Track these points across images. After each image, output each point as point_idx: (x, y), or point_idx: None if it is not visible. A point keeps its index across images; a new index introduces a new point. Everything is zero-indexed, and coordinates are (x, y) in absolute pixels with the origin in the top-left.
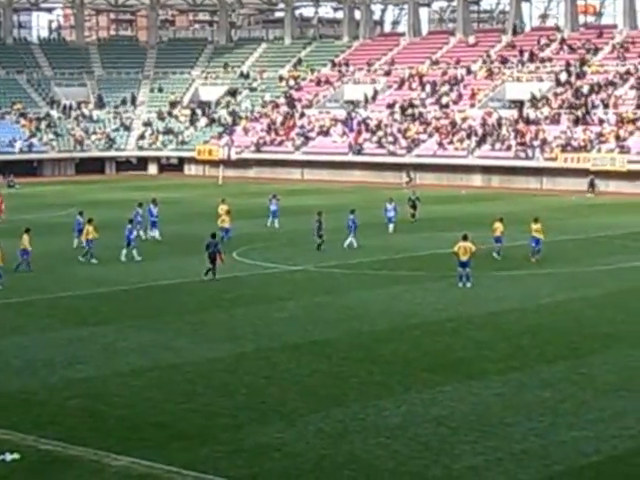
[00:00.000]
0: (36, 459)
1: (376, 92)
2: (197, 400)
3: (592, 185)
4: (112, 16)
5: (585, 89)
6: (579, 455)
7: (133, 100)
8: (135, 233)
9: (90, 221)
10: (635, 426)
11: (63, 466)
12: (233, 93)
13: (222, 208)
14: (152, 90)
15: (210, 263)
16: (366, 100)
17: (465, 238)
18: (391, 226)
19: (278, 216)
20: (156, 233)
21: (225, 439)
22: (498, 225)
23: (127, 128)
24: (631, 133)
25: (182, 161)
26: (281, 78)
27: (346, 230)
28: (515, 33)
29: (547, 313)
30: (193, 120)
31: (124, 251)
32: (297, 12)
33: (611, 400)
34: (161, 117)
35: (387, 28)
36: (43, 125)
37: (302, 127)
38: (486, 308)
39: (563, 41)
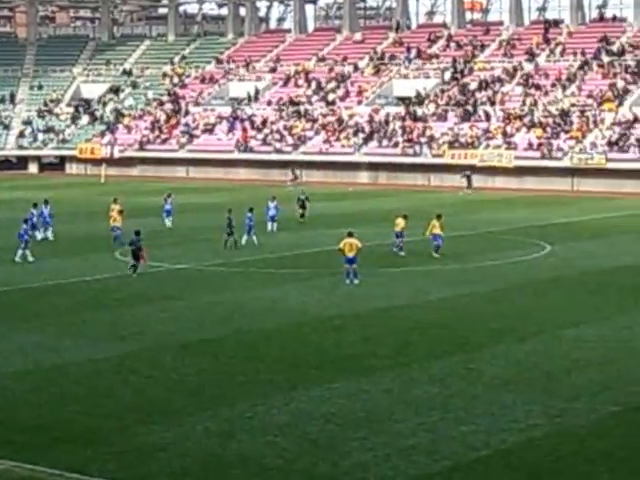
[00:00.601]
0: None
1: (261, 89)
2: (82, 401)
3: (469, 181)
4: None
5: (472, 86)
6: (468, 449)
7: (12, 98)
8: (30, 234)
9: None
10: (524, 420)
11: None
12: (116, 91)
13: (114, 208)
14: (32, 88)
15: (133, 259)
16: (249, 98)
17: (350, 235)
18: (273, 225)
19: (171, 215)
20: (39, 234)
21: (111, 440)
22: (400, 221)
23: (6, 127)
24: (518, 129)
25: (63, 160)
26: (165, 75)
27: (244, 228)
28: (398, 30)
29: (436, 309)
30: (75, 118)
31: (19, 252)
32: (181, 9)
33: (500, 394)
34: (41, 115)
35: (273, 25)
36: None
37: (186, 125)
38: (374, 304)
39: (450, 38)
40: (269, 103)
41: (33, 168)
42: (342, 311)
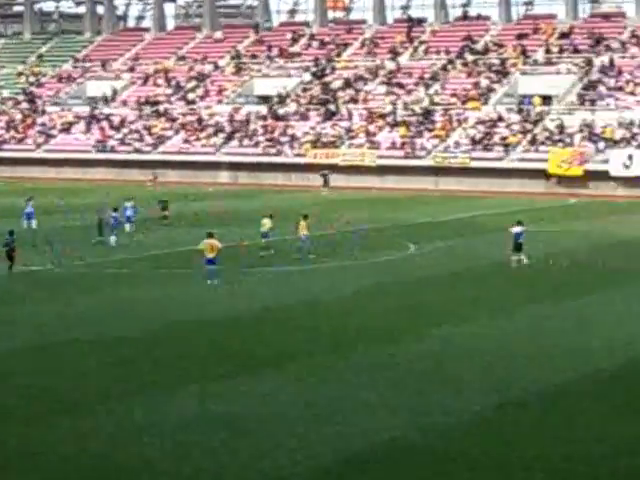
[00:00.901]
0: None
1: (120, 89)
2: None
3: (326, 181)
4: None
5: (334, 85)
6: (333, 451)
7: None
8: None
9: None
10: (388, 420)
11: None
12: None
13: None
14: None
15: (9, 260)
16: (107, 98)
17: (211, 235)
18: (131, 225)
19: (34, 217)
20: None
21: None
22: (266, 221)
23: None
24: (381, 128)
25: None
26: (20, 74)
27: (109, 227)
28: (257, 30)
29: (298, 310)
30: None
31: None
32: (37, 6)
33: (364, 395)
34: None
35: (131, 23)
36: None
37: (43, 124)
38: (236, 305)
39: (312, 37)
40: (127, 103)
41: None
42: (201, 313)
